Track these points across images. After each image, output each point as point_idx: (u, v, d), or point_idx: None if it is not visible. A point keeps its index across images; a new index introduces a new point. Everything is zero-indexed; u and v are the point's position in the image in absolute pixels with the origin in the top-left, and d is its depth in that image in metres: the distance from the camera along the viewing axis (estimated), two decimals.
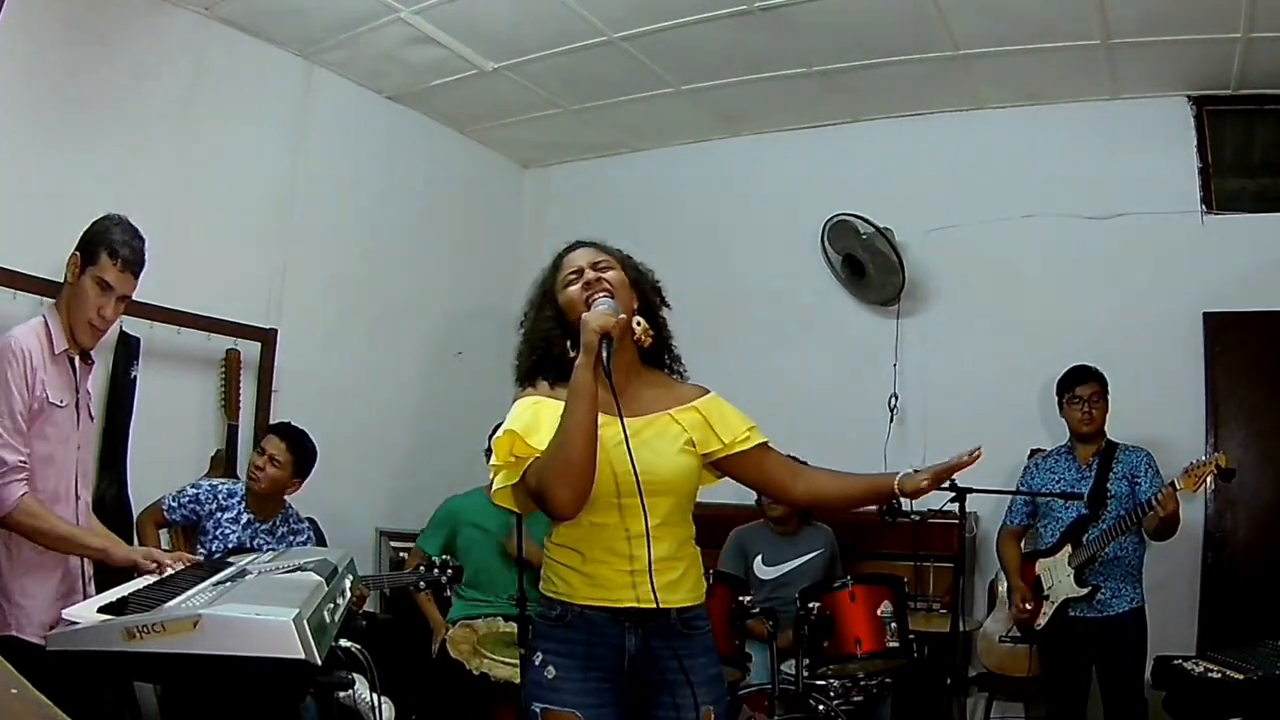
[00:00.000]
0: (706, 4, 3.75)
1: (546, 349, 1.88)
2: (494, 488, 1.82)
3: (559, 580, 1.83)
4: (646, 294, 1.95)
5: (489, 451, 1.86)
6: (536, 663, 1.80)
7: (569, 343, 1.83)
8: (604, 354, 1.71)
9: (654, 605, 1.77)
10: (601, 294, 1.82)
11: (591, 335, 1.70)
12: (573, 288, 1.86)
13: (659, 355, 1.98)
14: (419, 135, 4.93)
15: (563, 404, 1.74)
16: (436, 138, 5.04)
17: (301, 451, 3.31)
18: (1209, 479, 3.09)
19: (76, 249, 2.29)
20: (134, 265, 2.33)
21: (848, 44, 4.06)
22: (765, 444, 1.94)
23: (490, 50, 4.22)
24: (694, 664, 1.82)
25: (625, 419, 1.77)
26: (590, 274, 1.86)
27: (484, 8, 3.83)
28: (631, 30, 3.99)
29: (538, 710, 1.77)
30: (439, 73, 4.44)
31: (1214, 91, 4.19)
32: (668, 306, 2.00)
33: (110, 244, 2.28)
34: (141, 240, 2.36)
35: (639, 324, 1.83)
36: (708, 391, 1.97)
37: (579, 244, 1.96)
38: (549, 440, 1.73)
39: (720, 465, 1.95)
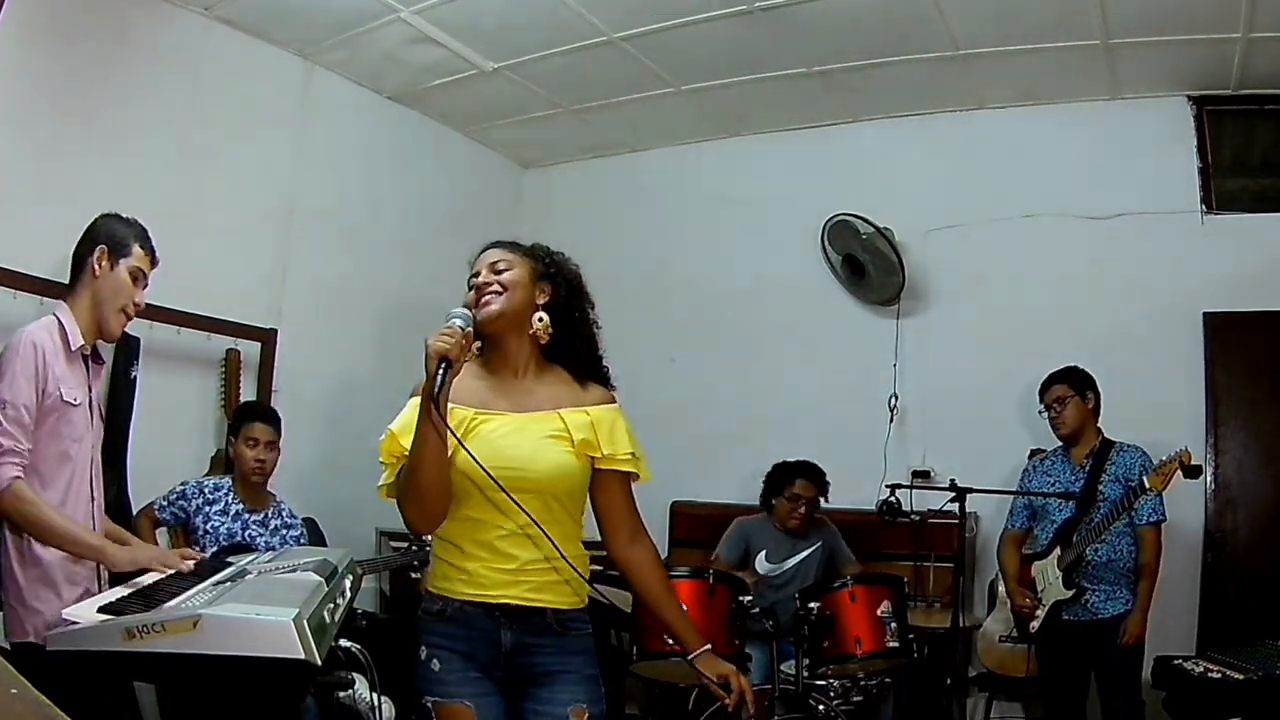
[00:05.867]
0: (706, 4, 3.75)
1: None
2: (380, 484, 1.85)
3: (440, 576, 1.86)
4: (559, 289, 1.91)
5: None
6: (423, 657, 1.83)
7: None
8: (439, 381, 1.68)
9: (529, 604, 1.80)
10: (490, 293, 1.84)
11: (431, 362, 1.69)
12: (470, 294, 1.87)
13: (571, 354, 1.93)
14: (419, 135, 4.93)
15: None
16: (436, 138, 5.04)
17: (280, 421, 3.36)
18: (1177, 476, 3.08)
19: (99, 243, 2.29)
20: (155, 258, 2.40)
21: (848, 44, 4.06)
22: (629, 478, 1.90)
23: (490, 50, 4.22)
24: (569, 661, 1.83)
25: (510, 414, 1.81)
26: (486, 276, 1.86)
27: (484, 8, 3.83)
28: (631, 30, 3.99)
29: (429, 704, 1.81)
30: (439, 73, 4.44)
31: (1214, 91, 4.19)
32: (591, 306, 1.97)
33: (138, 237, 2.35)
34: None
35: (540, 320, 1.86)
36: (612, 401, 1.92)
37: (491, 244, 1.94)
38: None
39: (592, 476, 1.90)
